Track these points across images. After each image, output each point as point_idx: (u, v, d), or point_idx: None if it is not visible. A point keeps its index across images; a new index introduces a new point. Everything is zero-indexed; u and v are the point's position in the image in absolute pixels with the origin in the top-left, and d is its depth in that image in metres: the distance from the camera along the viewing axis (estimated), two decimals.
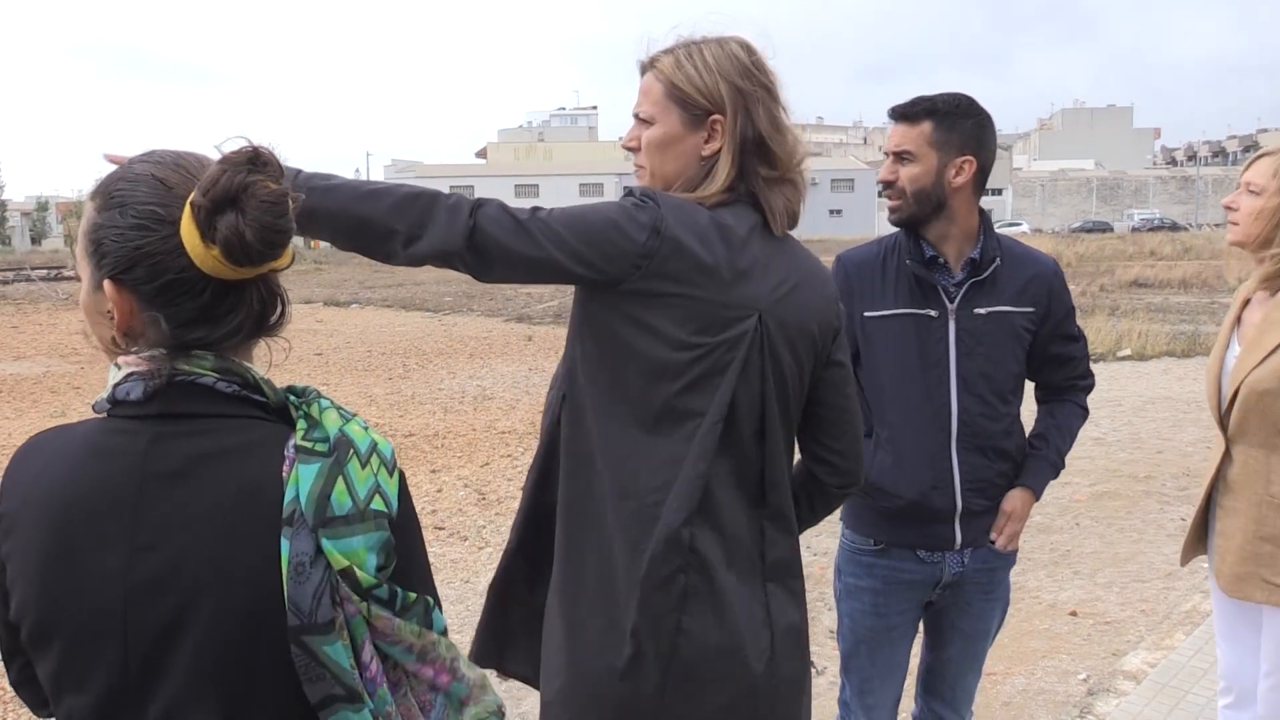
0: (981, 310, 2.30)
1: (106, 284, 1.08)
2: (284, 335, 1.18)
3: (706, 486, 1.62)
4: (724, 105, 1.66)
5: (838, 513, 2.53)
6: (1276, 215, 2.42)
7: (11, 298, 24.34)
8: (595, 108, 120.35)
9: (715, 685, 1.64)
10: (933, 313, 2.30)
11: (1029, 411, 2.46)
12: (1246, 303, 2.57)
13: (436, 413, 9.73)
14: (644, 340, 1.59)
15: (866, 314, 2.36)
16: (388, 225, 1.53)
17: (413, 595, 1.11)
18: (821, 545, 5.47)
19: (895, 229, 2.38)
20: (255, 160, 1.05)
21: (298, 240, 1.18)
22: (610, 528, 1.63)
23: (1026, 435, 2.47)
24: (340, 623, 1.05)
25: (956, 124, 2.24)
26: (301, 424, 1.10)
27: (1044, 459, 2.41)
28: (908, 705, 2.66)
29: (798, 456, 1.86)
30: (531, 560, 1.80)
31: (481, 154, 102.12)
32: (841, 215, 72.56)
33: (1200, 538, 2.67)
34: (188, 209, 1.04)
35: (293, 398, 1.14)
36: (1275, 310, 2.43)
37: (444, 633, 1.16)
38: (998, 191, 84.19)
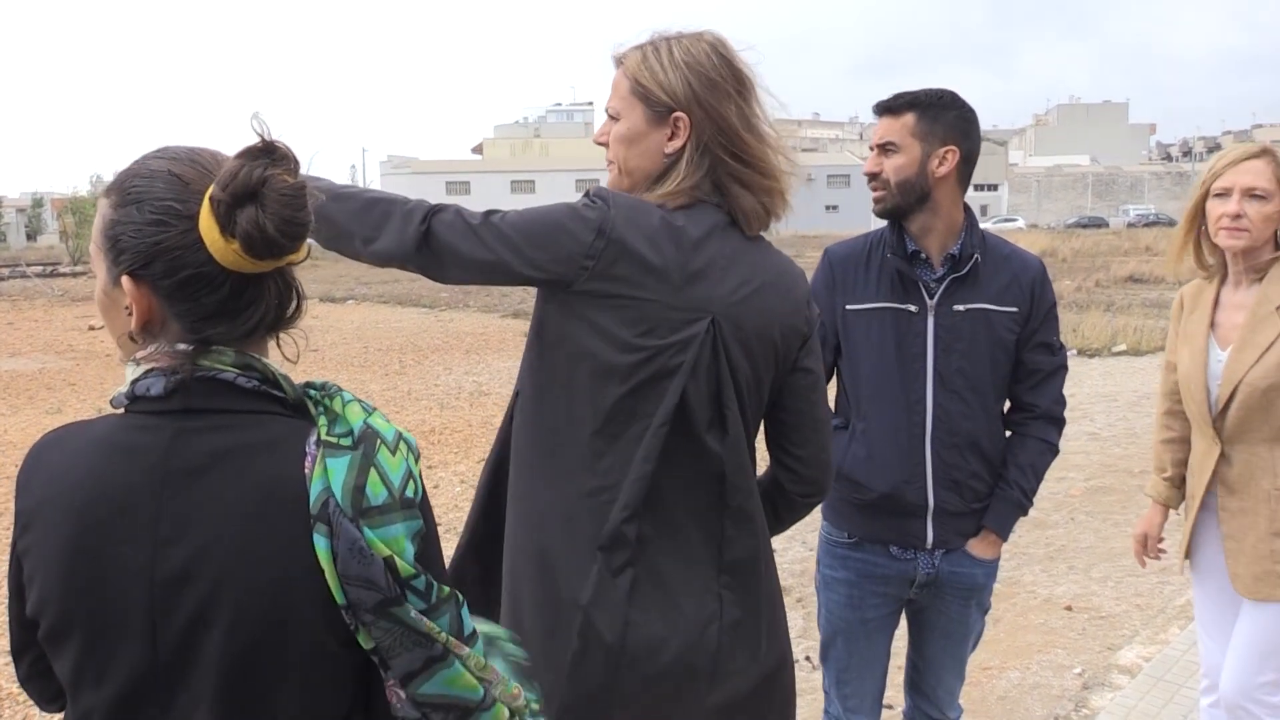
0: (960, 307, 2.30)
1: (125, 280, 1.08)
2: (300, 329, 1.18)
3: (656, 486, 1.61)
4: (686, 102, 1.65)
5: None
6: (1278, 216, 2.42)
7: (7, 294, 24.27)
8: (591, 103, 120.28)
9: (661, 678, 1.62)
10: (912, 308, 2.31)
11: None
12: (1215, 303, 2.56)
13: (433, 409, 9.73)
14: (593, 342, 1.59)
15: (848, 307, 2.38)
16: (348, 228, 1.62)
17: (446, 589, 1.10)
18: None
19: (883, 223, 2.39)
20: (272, 153, 1.05)
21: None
22: (560, 526, 1.63)
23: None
24: (404, 597, 1.06)
25: (939, 115, 2.27)
26: (323, 419, 1.10)
27: (1008, 500, 2.37)
28: (901, 701, 2.67)
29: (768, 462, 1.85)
30: (482, 560, 1.79)
31: (478, 150, 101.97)
32: (837, 211, 72.62)
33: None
34: (206, 203, 1.04)
35: (313, 392, 1.14)
36: (1260, 307, 2.43)
37: (473, 635, 1.14)
38: (993, 187, 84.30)
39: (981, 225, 2.40)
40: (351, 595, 1.04)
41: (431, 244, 1.59)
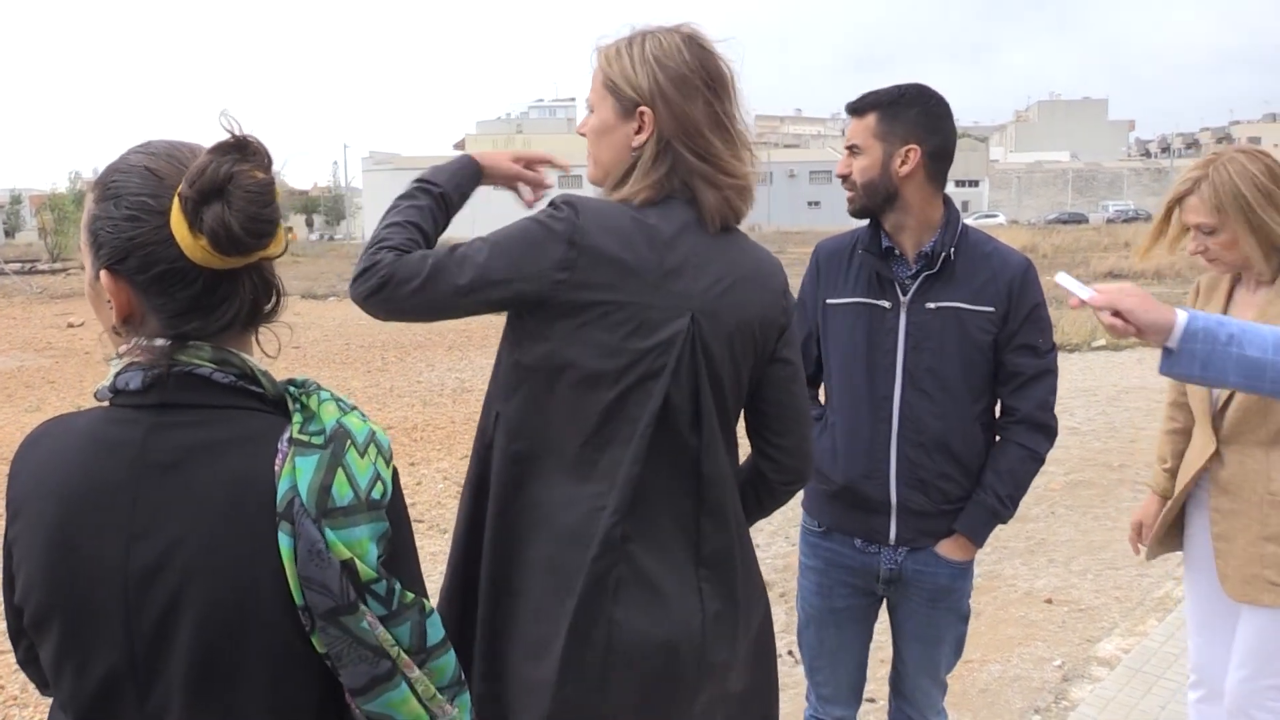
0: (932, 305, 2.28)
1: (103, 274, 1.10)
2: (281, 324, 1.19)
3: (641, 485, 1.61)
4: (650, 97, 1.65)
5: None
6: (1249, 231, 2.34)
7: None
8: (574, 99, 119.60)
9: (648, 671, 1.63)
10: (886, 304, 2.31)
11: None
12: (1228, 298, 2.54)
13: (415, 405, 9.71)
14: (578, 350, 1.58)
15: (828, 301, 2.39)
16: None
17: (410, 595, 1.11)
18: None
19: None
20: (243, 149, 1.05)
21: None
22: (563, 534, 1.62)
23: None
24: (358, 605, 1.06)
25: (900, 114, 2.24)
26: (298, 417, 1.10)
27: (980, 505, 2.31)
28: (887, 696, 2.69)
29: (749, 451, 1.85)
30: (467, 604, 1.75)
31: (460, 146, 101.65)
32: (820, 206, 72.52)
33: (1173, 535, 2.67)
34: (176, 199, 1.05)
35: (292, 389, 1.14)
36: (1270, 307, 2.39)
37: (441, 643, 1.14)
38: (974, 183, 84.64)
39: (964, 221, 2.37)
40: (308, 597, 1.05)
41: (388, 299, 1.56)
